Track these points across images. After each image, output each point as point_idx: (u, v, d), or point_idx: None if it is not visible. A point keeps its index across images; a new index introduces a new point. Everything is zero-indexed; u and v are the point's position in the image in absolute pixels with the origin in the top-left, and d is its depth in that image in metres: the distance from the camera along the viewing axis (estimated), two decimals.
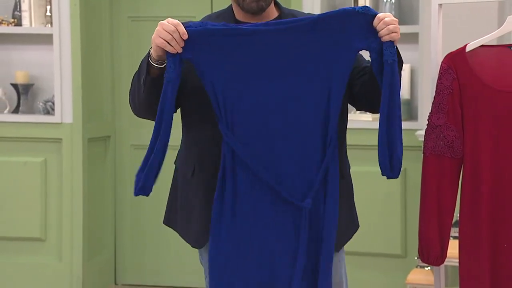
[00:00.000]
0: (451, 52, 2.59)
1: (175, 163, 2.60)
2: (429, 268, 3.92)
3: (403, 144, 4.63)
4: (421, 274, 3.93)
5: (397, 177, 2.35)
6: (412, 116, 4.59)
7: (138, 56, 5.10)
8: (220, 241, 2.33)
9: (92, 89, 4.99)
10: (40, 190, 4.95)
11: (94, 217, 5.04)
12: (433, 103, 2.59)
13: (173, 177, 2.61)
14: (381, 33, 2.28)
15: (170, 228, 2.64)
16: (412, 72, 4.61)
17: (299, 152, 2.32)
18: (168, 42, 2.26)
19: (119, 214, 5.19)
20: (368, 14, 2.30)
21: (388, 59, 2.29)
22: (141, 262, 5.18)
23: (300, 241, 2.31)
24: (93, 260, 5.03)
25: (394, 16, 2.34)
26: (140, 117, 2.54)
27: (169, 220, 2.62)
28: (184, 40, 2.26)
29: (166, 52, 2.28)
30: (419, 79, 4.52)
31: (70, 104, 4.89)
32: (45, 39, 4.97)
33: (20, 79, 5.00)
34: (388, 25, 2.28)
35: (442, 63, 2.59)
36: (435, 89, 2.60)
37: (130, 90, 2.52)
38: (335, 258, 2.46)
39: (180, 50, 2.27)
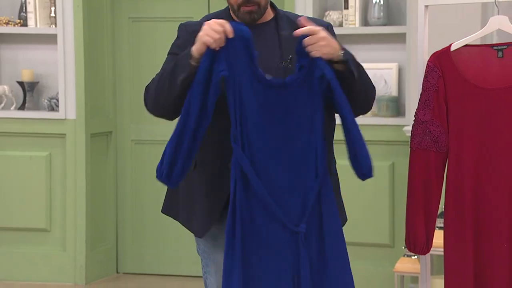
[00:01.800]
0: (436, 51, 2.59)
1: None
2: (415, 257, 3.92)
3: (391, 139, 4.66)
4: (408, 263, 3.93)
5: (372, 175, 2.37)
6: (400, 113, 4.59)
7: (139, 55, 5.11)
8: (232, 267, 2.32)
9: (94, 86, 4.98)
10: (45, 183, 4.95)
11: (97, 209, 5.03)
12: (419, 100, 2.60)
13: None
14: (311, 51, 2.27)
15: (169, 219, 2.62)
16: (400, 71, 4.61)
17: (296, 181, 2.32)
18: (214, 40, 2.25)
19: (120, 206, 5.19)
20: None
21: (329, 74, 2.27)
22: (141, 251, 5.18)
23: (301, 262, 2.31)
24: (96, 249, 5.02)
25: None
26: (156, 115, 2.45)
27: (170, 209, 2.58)
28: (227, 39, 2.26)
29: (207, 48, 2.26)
30: (406, 77, 4.52)
31: (73, 101, 4.88)
32: (50, 39, 4.96)
33: (26, 77, 4.99)
34: (313, 42, 2.27)
35: (428, 61, 2.59)
36: (421, 86, 2.60)
37: (151, 88, 2.42)
38: None
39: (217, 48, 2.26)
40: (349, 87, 2.34)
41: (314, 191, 2.32)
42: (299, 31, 2.29)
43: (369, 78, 2.45)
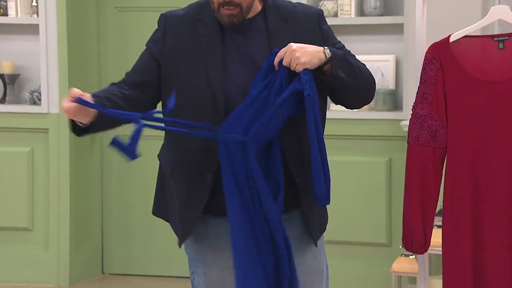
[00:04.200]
0: (435, 43, 2.58)
1: (158, 157, 2.56)
2: (413, 256, 3.93)
3: (388, 134, 4.68)
4: (406, 263, 3.94)
5: (327, 203, 2.36)
6: (397, 106, 4.60)
7: (125, 45, 5.10)
8: None
9: (78, 79, 4.97)
10: (27, 180, 4.94)
11: (81, 207, 5.03)
12: (417, 93, 2.59)
13: (159, 168, 2.57)
14: (291, 63, 2.29)
15: (157, 218, 2.62)
16: (397, 63, 4.61)
17: None
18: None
19: (106, 204, 5.18)
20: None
21: (306, 90, 2.29)
22: (128, 251, 5.17)
23: None
24: (80, 249, 5.02)
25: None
26: None
27: (158, 210, 2.57)
28: None
29: None
30: (404, 69, 4.52)
31: (56, 94, 4.87)
32: (31, 29, 4.94)
33: (6, 69, 4.98)
34: (288, 60, 2.28)
35: (426, 53, 2.59)
36: (419, 79, 2.60)
37: None
38: (314, 247, 2.47)
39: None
40: (343, 83, 2.34)
41: None
42: (276, 61, 2.31)
43: (367, 70, 2.45)
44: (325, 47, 2.34)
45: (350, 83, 2.36)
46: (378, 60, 4.62)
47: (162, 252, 5.10)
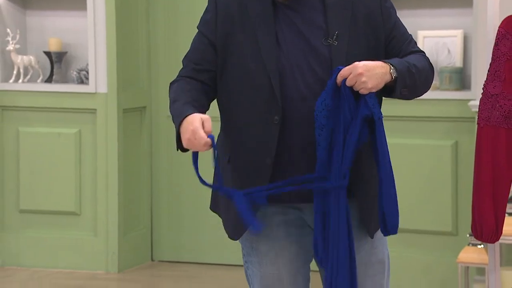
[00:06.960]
0: (509, 16, 2.55)
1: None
2: (482, 246, 3.89)
3: (455, 115, 4.61)
4: (474, 253, 3.90)
5: (396, 233, 2.35)
6: (465, 86, 4.54)
7: (176, 21, 5.12)
8: None
9: (127, 57, 5.01)
10: (74, 163, 5.00)
11: (130, 191, 5.08)
12: (488, 71, 2.57)
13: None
14: (356, 86, 2.25)
15: (208, 202, 2.63)
16: (465, 38, 4.56)
17: None
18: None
19: (156, 188, 5.22)
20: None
21: (376, 114, 2.26)
22: (179, 238, 5.21)
23: None
24: (129, 235, 5.07)
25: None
26: None
27: (215, 205, 2.57)
28: None
29: None
30: (472, 45, 4.46)
31: (104, 73, 4.91)
32: (79, 4, 4.99)
33: (53, 46, 5.04)
34: (353, 83, 2.24)
35: (499, 27, 2.56)
36: (491, 56, 2.57)
37: (170, 92, 2.56)
38: (376, 236, 2.45)
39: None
40: (403, 96, 2.34)
41: None
42: (338, 81, 2.27)
43: (427, 66, 2.40)
44: (391, 66, 2.29)
45: (410, 95, 2.36)
46: (444, 35, 4.57)
47: (213, 238, 5.12)
